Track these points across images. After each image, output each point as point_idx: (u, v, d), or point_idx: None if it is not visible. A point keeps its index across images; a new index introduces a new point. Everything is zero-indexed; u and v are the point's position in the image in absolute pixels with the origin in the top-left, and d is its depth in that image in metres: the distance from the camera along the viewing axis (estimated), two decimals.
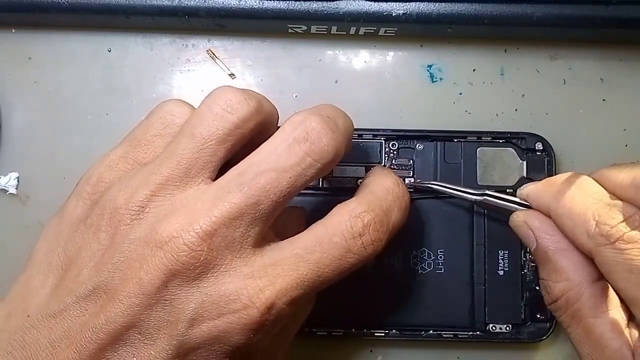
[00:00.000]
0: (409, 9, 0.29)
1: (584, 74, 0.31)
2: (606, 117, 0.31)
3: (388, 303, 0.29)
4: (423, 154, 0.30)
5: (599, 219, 0.22)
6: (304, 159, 0.21)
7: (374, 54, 0.31)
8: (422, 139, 0.30)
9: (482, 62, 0.31)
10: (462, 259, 0.29)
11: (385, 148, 0.30)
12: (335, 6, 0.29)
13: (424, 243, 0.29)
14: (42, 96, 0.31)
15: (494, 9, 0.29)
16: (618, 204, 0.23)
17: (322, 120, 0.22)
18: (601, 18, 0.29)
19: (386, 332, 0.29)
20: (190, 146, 0.22)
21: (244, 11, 0.29)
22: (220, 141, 0.22)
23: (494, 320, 0.29)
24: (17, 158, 0.31)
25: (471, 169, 0.30)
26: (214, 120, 0.22)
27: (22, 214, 0.31)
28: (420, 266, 0.29)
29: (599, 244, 0.22)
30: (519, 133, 0.30)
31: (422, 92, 0.31)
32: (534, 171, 0.29)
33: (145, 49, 0.31)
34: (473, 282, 0.29)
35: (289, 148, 0.21)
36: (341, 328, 0.29)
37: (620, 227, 0.22)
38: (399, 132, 0.30)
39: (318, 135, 0.21)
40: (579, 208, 0.23)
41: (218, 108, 0.22)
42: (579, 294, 0.23)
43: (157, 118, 0.24)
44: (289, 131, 0.22)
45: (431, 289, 0.29)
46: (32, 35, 0.31)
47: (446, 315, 0.29)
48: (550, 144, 0.30)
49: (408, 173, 0.30)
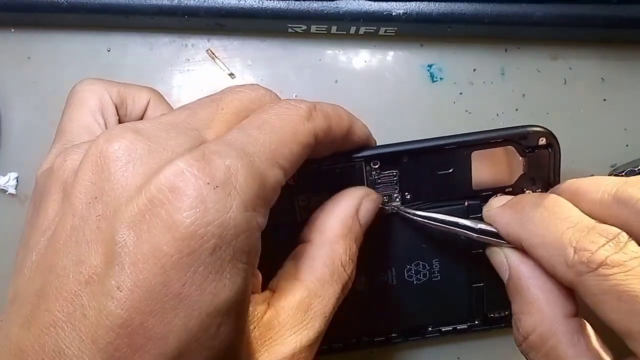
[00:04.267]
0: (409, 8, 0.29)
1: (584, 73, 0.31)
2: (607, 117, 0.31)
3: (386, 315, 0.29)
4: (409, 167, 0.27)
5: (576, 244, 0.20)
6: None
7: (374, 54, 0.31)
8: (406, 155, 0.26)
9: (483, 61, 0.31)
10: (460, 265, 0.28)
11: (366, 168, 0.26)
12: (335, 6, 0.29)
13: (419, 256, 0.28)
14: (41, 96, 0.31)
15: (495, 9, 0.29)
16: (597, 227, 0.20)
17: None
18: (602, 18, 0.29)
19: (386, 337, 0.29)
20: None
21: (243, 11, 0.29)
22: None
23: (492, 310, 0.29)
24: (17, 158, 0.31)
25: (465, 175, 0.27)
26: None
27: (22, 214, 0.31)
28: (416, 277, 0.28)
29: (580, 272, 0.19)
30: (518, 127, 0.27)
31: (422, 91, 0.31)
32: (536, 168, 0.27)
33: (145, 48, 0.31)
34: (471, 283, 0.29)
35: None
36: (340, 341, 0.29)
37: (602, 251, 0.19)
38: (380, 152, 0.26)
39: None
40: (553, 235, 0.21)
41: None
42: (553, 330, 0.21)
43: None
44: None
45: (428, 295, 0.29)
46: (31, 35, 0.31)
47: (445, 314, 0.29)
48: (555, 137, 0.27)
49: (394, 190, 0.27)
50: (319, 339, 0.21)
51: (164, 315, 0.16)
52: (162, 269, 0.16)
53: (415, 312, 0.29)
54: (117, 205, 0.18)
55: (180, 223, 0.17)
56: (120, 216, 0.17)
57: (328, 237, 0.23)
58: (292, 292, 0.21)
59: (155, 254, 0.17)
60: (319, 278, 0.22)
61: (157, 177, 0.17)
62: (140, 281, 0.16)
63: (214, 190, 0.17)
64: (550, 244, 0.21)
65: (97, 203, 0.18)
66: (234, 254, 0.17)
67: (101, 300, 0.17)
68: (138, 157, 0.18)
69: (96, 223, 0.18)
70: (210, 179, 0.17)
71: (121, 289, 0.16)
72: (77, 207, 0.19)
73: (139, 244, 0.17)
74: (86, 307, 0.17)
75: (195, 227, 0.17)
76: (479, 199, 0.27)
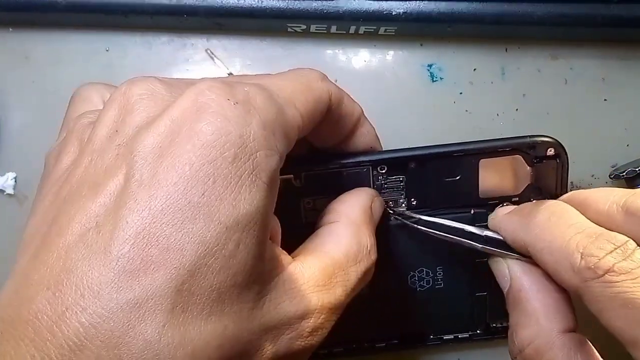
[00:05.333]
0: (409, 7, 0.28)
1: (585, 73, 0.31)
2: (607, 117, 0.31)
3: (388, 321, 0.29)
4: (416, 173, 0.27)
5: (584, 250, 0.20)
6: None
7: (373, 53, 0.31)
8: (414, 160, 0.26)
9: (483, 61, 0.31)
10: (463, 273, 0.28)
11: (373, 172, 0.26)
12: (335, 5, 0.28)
13: (423, 263, 0.28)
14: (39, 96, 0.31)
15: (495, 8, 0.29)
16: (605, 233, 0.20)
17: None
18: (602, 17, 0.29)
19: (386, 343, 0.29)
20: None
21: (242, 10, 0.29)
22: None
23: (495, 320, 0.29)
24: (15, 158, 0.31)
25: (471, 183, 0.27)
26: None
27: (20, 215, 0.31)
28: (419, 284, 0.28)
29: (586, 278, 0.19)
30: (526, 137, 0.26)
31: (422, 91, 0.31)
32: (543, 178, 0.27)
33: (144, 48, 0.31)
34: (474, 292, 0.29)
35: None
36: (341, 346, 0.29)
37: (609, 258, 0.19)
38: (387, 157, 0.26)
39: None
40: (560, 241, 0.20)
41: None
42: (550, 343, 0.21)
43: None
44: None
45: (431, 302, 0.29)
46: (29, 35, 0.31)
47: (447, 322, 0.29)
48: (564, 148, 0.26)
49: (400, 196, 0.27)
50: (339, 309, 0.21)
51: (181, 225, 0.16)
52: (181, 178, 0.16)
53: (418, 319, 0.29)
54: (138, 131, 0.18)
55: (201, 132, 0.17)
56: (140, 138, 0.17)
57: (354, 220, 0.23)
58: (317, 259, 0.21)
59: (175, 163, 0.17)
60: (344, 253, 0.22)
61: (180, 98, 0.18)
62: (158, 191, 0.16)
63: (235, 105, 0.18)
64: (557, 249, 0.20)
65: (116, 135, 0.18)
66: (254, 168, 0.17)
67: (117, 215, 0.16)
68: (159, 94, 0.19)
69: (116, 150, 0.18)
70: (231, 96, 0.18)
71: (138, 201, 0.16)
72: (96, 144, 0.19)
73: (160, 157, 0.17)
74: (101, 225, 0.16)
75: (215, 135, 0.17)
76: (485, 207, 0.27)
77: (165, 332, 0.15)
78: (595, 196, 0.22)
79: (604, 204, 0.21)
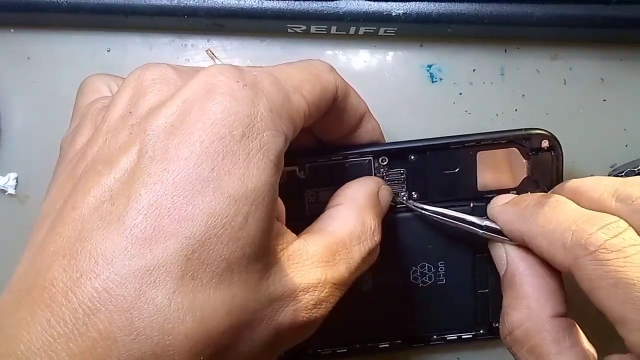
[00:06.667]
0: (408, 8, 0.29)
1: (584, 74, 0.31)
2: (606, 117, 0.31)
3: (391, 319, 0.29)
4: (416, 166, 0.28)
5: (576, 227, 0.20)
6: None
7: (373, 54, 0.31)
8: (414, 152, 0.27)
9: (482, 62, 0.31)
10: (464, 268, 0.28)
11: (374, 164, 0.27)
12: (335, 6, 0.29)
13: (424, 258, 0.28)
14: (41, 96, 0.31)
15: (494, 9, 0.29)
16: (597, 214, 0.20)
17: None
18: (602, 18, 0.29)
19: (390, 343, 0.29)
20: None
21: (243, 11, 0.29)
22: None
23: (498, 319, 0.29)
24: (16, 158, 0.31)
25: (470, 175, 0.27)
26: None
27: (21, 215, 0.31)
28: (421, 280, 0.29)
29: (578, 255, 0.19)
30: (521, 129, 0.27)
31: (422, 92, 0.31)
32: (540, 171, 0.27)
33: (145, 48, 0.31)
34: (476, 288, 0.29)
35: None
36: (345, 346, 0.29)
37: (600, 233, 0.19)
38: (388, 147, 0.27)
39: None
40: (554, 223, 0.21)
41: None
42: (539, 327, 0.21)
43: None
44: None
45: (433, 299, 0.29)
46: (30, 35, 0.31)
47: (450, 321, 0.29)
48: (558, 141, 0.27)
49: (401, 188, 0.28)
50: (343, 285, 0.21)
51: (192, 197, 0.17)
52: (192, 154, 0.17)
53: (420, 317, 0.29)
54: (150, 111, 0.19)
55: (211, 111, 0.18)
56: (153, 117, 0.18)
57: (359, 203, 0.24)
58: (321, 237, 0.22)
59: (186, 140, 0.17)
60: (348, 233, 0.22)
61: (191, 80, 0.19)
62: (170, 166, 0.17)
63: (243, 87, 0.19)
64: (550, 231, 0.21)
65: (130, 116, 0.19)
66: (261, 147, 0.18)
67: (131, 188, 0.17)
68: (171, 79, 0.20)
69: (129, 130, 0.19)
70: (240, 79, 0.19)
71: (151, 175, 0.17)
72: (110, 124, 0.20)
73: (171, 135, 0.18)
74: (115, 197, 0.17)
75: (224, 114, 0.18)
76: (484, 200, 0.27)
77: (175, 298, 0.16)
78: (587, 184, 0.22)
79: (595, 192, 0.21)
